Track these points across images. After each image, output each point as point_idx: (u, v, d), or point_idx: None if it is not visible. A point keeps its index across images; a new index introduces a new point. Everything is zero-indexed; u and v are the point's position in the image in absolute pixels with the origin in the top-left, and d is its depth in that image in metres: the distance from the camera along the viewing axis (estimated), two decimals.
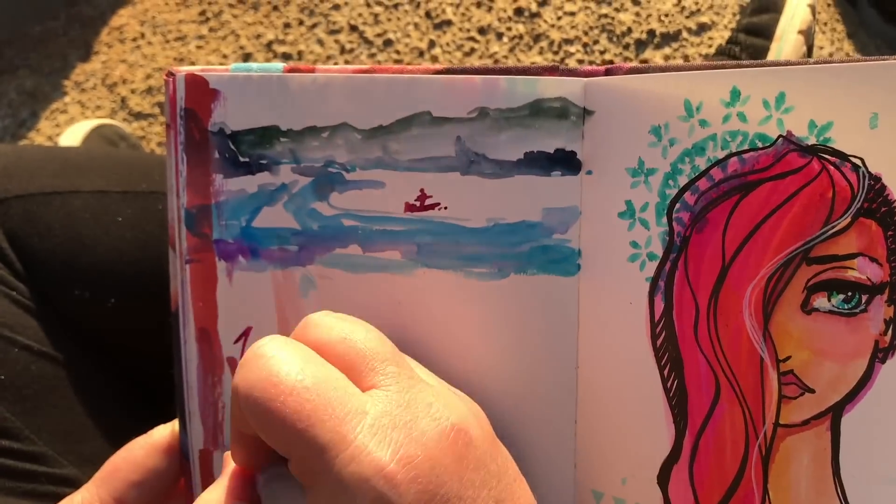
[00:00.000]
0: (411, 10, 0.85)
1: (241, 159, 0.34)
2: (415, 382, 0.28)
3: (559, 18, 0.79)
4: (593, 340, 0.33)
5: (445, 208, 0.33)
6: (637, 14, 0.78)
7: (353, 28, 0.86)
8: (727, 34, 0.76)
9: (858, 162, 0.27)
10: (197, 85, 0.34)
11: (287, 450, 0.26)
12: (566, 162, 0.33)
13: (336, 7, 0.88)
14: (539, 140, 0.32)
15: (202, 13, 0.95)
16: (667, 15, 0.77)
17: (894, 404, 0.27)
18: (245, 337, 0.36)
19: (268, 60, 0.88)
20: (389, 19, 0.85)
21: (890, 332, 0.26)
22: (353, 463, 0.25)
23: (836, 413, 0.28)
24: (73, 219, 0.47)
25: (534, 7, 0.80)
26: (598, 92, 0.32)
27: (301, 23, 0.88)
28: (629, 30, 0.78)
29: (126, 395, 0.50)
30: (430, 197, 0.33)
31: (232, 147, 0.34)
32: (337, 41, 0.85)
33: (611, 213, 0.32)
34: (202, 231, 0.35)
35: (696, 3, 0.78)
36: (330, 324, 0.29)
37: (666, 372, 0.31)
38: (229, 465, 0.31)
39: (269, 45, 0.89)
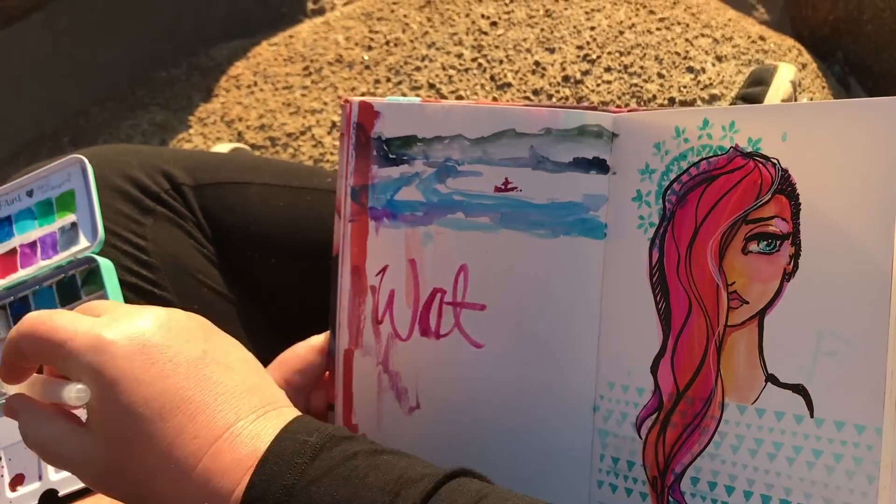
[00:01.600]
0: (479, 73, 1.05)
1: (391, 156, 0.54)
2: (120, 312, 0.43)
3: (598, 85, 0.99)
4: (611, 281, 0.51)
5: (521, 190, 0.52)
6: (661, 85, 0.98)
7: (431, 86, 1.07)
8: None
9: (776, 161, 0.45)
10: (365, 108, 0.54)
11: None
12: (599, 165, 0.51)
13: (417, 69, 1.09)
14: (583, 150, 0.51)
15: (305, 68, 1.16)
16: (685, 86, 0.97)
17: (796, 307, 0.44)
18: (383, 272, 0.54)
19: None
20: (461, 80, 1.05)
21: (792, 262, 0.45)
22: (76, 340, 0.40)
23: (761, 315, 0.46)
24: (248, 202, 0.67)
25: (578, 76, 1.00)
26: (622, 122, 0.51)
27: (388, 80, 1.09)
28: (654, 97, 0.98)
29: (275, 329, 0.69)
30: (511, 183, 0.52)
31: (385, 148, 0.54)
32: (418, 95, 1.06)
33: (626, 199, 0.51)
34: (361, 201, 0.54)
35: (710, 79, 0.97)
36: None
37: (658, 298, 0.49)
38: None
39: (362, 95, 1.10)
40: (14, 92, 1.47)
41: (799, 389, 0.44)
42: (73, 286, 0.61)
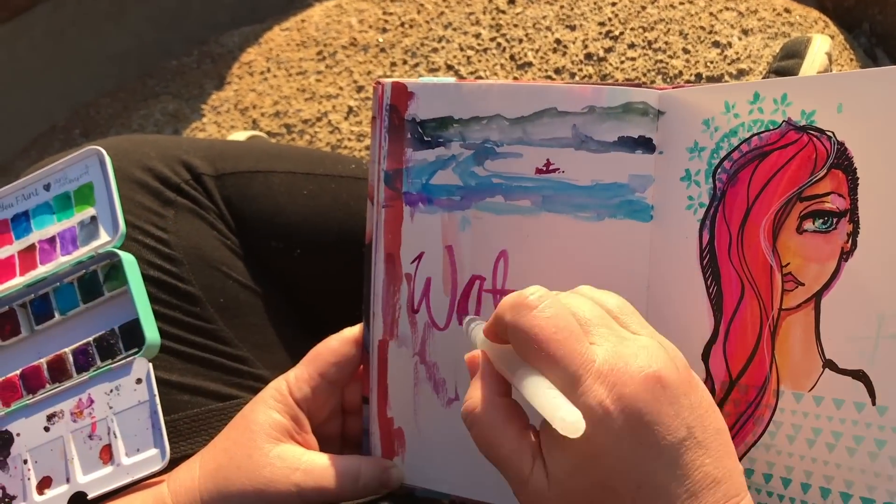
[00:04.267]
0: (498, 53, 1.03)
1: (426, 138, 0.52)
2: (622, 339, 0.39)
3: (622, 62, 0.97)
4: (659, 265, 0.49)
5: (563, 172, 0.50)
6: (687, 60, 0.95)
7: (450, 67, 1.04)
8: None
9: (831, 134, 0.43)
10: (399, 89, 0.52)
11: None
12: (645, 144, 0.49)
13: (434, 50, 1.06)
14: (628, 129, 0.49)
15: (319, 52, 1.14)
16: (712, 61, 0.94)
17: (854, 288, 0.42)
18: (419, 259, 0.53)
19: None
20: (480, 60, 1.03)
21: (850, 240, 0.42)
22: (584, 396, 0.38)
23: (817, 298, 0.44)
24: (271, 191, 0.65)
25: (601, 53, 0.98)
26: (668, 99, 0.49)
27: (405, 62, 1.07)
28: (680, 73, 0.95)
29: (301, 321, 0.67)
30: (553, 164, 0.50)
31: (420, 130, 0.52)
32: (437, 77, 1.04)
33: (674, 179, 0.49)
34: (395, 186, 0.52)
35: (737, 53, 0.95)
36: (565, 300, 0.41)
37: (709, 281, 0.47)
38: (479, 369, 0.43)
39: (378, 79, 1.07)
40: (23, 84, 1.45)
41: (859, 375, 0.42)
42: (94, 282, 0.59)
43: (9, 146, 1.34)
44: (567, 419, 0.36)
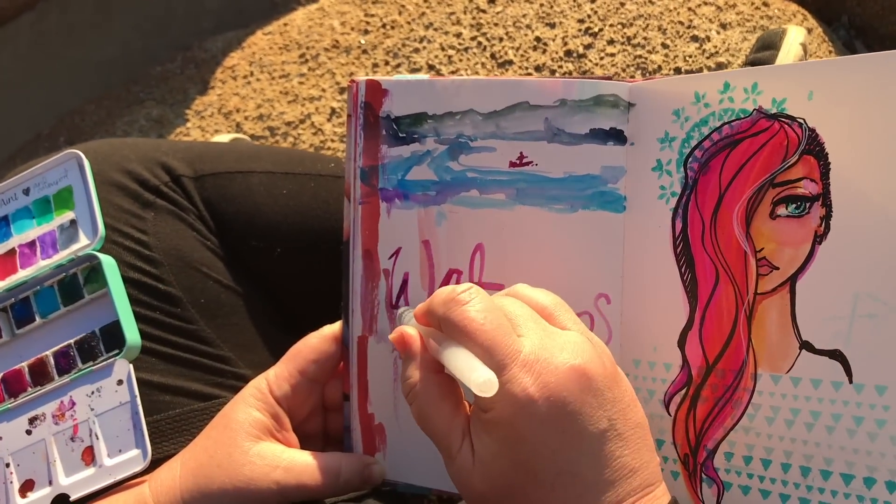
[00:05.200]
0: (479, 52, 1.03)
1: (401, 135, 0.52)
2: (549, 333, 0.41)
3: (602, 59, 0.97)
4: (633, 254, 0.49)
5: (536, 165, 0.50)
6: (666, 55, 0.96)
7: (431, 67, 1.05)
8: None
9: (802, 121, 0.43)
10: (373, 86, 0.52)
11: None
12: (616, 136, 0.49)
13: (416, 50, 1.07)
14: (599, 121, 0.49)
15: (302, 56, 1.14)
16: (690, 56, 0.95)
17: (829, 269, 0.43)
18: (396, 255, 0.53)
19: None
20: (461, 59, 1.03)
21: (823, 223, 0.43)
22: (509, 384, 0.39)
23: (792, 281, 0.44)
24: (250, 191, 0.65)
25: (581, 50, 0.98)
26: (638, 91, 0.49)
27: (387, 63, 1.07)
28: (659, 67, 0.95)
29: (282, 320, 0.67)
30: (526, 157, 0.50)
31: (394, 127, 0.52)
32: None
33: (646, 169, 0.49)
34: (371, 182, 0.53)
35: (715, 47, 0.95)
36: (496, 299, 0.43)
37: (683, 269, 0.48)
38: (413, 349, 0.44)
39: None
40: (7, 94, 1.45)
41: (836, 355, 0.43)
42: (75, 285, 0.59)
43: None
44: (480, 379, 0.38)
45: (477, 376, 0.38)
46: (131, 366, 0.56)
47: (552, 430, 0.39)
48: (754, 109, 0.45)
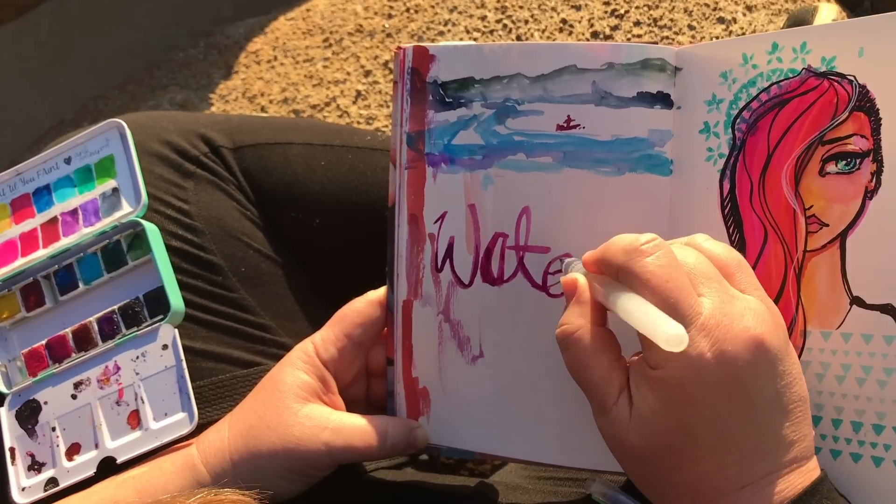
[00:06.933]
0: (504, 34, 1.04)
1: (447, 100, 0.52)
2: (731, 297, 0.40)
3: (628, 40, 0.97)
4: (680, 217, 0.50)
5: (584, 128, 0.50)
6: (692, 37, 0.96)
7: None
8: None
9: (852, 78, 0.44)
10: (420, 52, 0.52)
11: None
12: (663, 100, 0.50)
13: (441, 34, 1.07)
14: (646, 85, 0.49)
15: (325, 40, 1.14)
16: (717, 37, 0.95)
17: (880, 224, 0.43)
18: (442, 219, 0.53)
19: (384, 76, 1.07)
20: (486, 42, 1.04)
21: (874, 179, 0.43)
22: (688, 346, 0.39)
23: (842, 237, 0.44)
24: (289, 162, 0.65)
25: (607, 31, 0.99)
26: (684, 55, 0.49)
27: None
28: None
29: (321, 290, 0.68)
30: (574, 120, 0.50)
31: (441, 92, 0.52)
32: None
33: (693, 132, 0.49)
34: (418, 147, 0.53)
35: (742, 28, 0.96)
36: (677, 251, 0.42)
37: (731, 230, 0.48)
38: (577, 295, 0.44)
39: (385, 63, 1.08)
40: (29, 82, 1.46)
41: (888, 309, 0.43)
42: (118, 252, 0.60)
43: (18, 144, 1.35)
44: (670, 332, 0.37)
45: (666, 329, 0.37)
46: (176, 331, 0.56)
47: (722, 396, 0.39)
48: (803, 69, 0.45)
